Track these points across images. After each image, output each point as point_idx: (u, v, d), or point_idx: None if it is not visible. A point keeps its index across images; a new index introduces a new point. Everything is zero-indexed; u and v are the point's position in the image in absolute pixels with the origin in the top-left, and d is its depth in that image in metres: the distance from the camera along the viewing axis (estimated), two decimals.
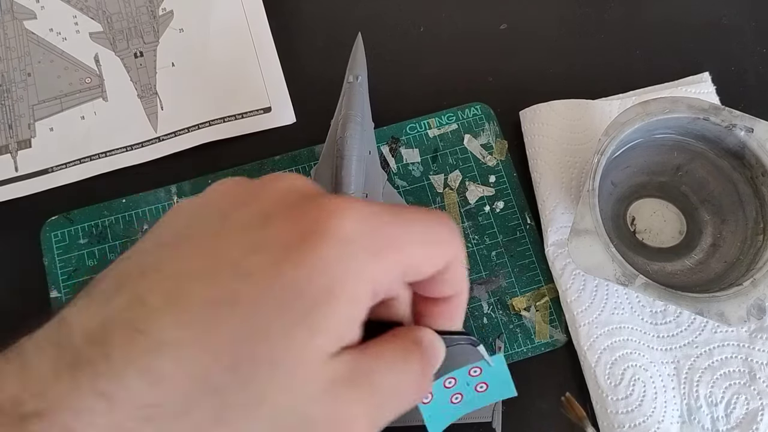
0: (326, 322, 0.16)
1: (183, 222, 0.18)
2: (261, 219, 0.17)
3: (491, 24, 0.47)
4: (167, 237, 0.18)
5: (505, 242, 0.40)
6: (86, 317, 0.16)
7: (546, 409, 0.37)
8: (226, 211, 0.18)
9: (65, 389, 0.15)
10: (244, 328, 0.15)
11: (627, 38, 0.46)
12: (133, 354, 0.15)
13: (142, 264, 0.17)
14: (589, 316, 0.37)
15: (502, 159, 0.42)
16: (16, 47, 0.45)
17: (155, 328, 0.15)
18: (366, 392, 0.17)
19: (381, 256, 0.17)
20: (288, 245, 0.16)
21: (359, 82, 0.38)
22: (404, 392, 0.19)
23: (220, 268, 0.16)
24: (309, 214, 0.17)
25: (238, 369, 0.15)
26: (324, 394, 0.16)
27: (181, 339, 0.15)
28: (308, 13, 0.47)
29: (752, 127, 0.36)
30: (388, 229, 0.17)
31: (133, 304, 0.16)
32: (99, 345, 0.15)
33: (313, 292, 0.16)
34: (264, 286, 0.16)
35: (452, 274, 0.19)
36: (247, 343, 0.15)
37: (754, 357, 0.36)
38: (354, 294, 0.16)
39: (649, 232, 0.40)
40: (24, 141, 0.42)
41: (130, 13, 0.46)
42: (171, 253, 0.17)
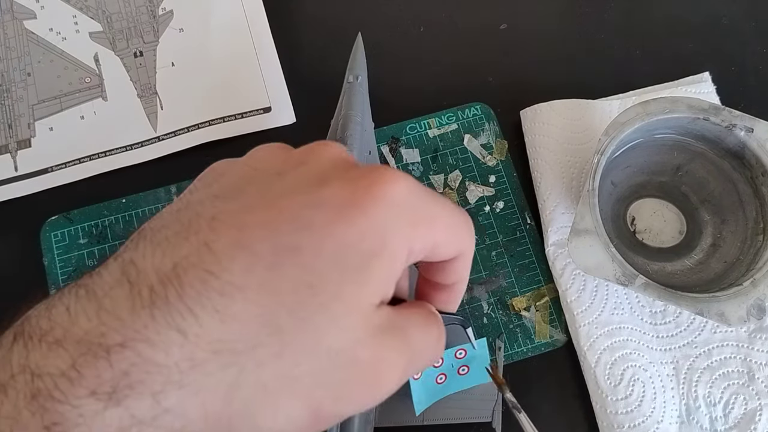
0: (374, 275, 0.18)
1: (233, 178, 0.20)
2: (317, 179, 0.19)
3: (491, 24, 0.47)
4: (222, 191, 0.19)
5: (505, 242, 0.40)
6: (158, 260, 0.17)
7: (546, 409, 0.37)
8: (280, 170, 0.19)
9: (143, 324, 0.16)
10: (304, 275, 0.17)
11: (627, 38, 0.46)
12: (206, 294, 0.16)
13: (204, 214, 0.18)
14: (589, 316, 0.37)
15: (502, 159, 0.42)
16: (15, 47, 0.45)
17: (225, 272, 0.16)
18: (402, 343, 0.19)
19: (418, 227, 0.19)
20: (344, 204, 0.18)
21: (359, 82, 0.38)
22: (427, 351, 0.21)
23: (282, 220, 0.17)
24: (363, 179, 0.18)
25: (298, 312, 0.17)
26: (369, 338, 0.18)
27: (248, 283, 0.17)
28: (308, 13, 0.47)
29: (752, 127, 0.36)
30: (427, 206, 0.19)
31: (202, 251, 0.17)
32: (173, 285, 0.16)
33: (364, 249, 0.18)
34: (322, 239, 0.17)
35: (460, 264, 0.22)
36: (306, 289, 0.17)
37: (753, 357, 0.36)
38: (396, 254, 0.18)
39: (649, 232, 0.40)
40: (24, 141, 0.42)
41: (130, 12, 0.46)
42: (232, 206, 0.18)
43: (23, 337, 0.16)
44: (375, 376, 0.18)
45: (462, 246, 0.21)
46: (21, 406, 0.15)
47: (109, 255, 0.19)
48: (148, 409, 0.15)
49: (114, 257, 0.18)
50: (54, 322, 0.16)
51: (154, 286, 0.16)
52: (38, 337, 0.16)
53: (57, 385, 0.15)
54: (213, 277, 0.16)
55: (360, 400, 0.19)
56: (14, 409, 0.15)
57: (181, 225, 0.18)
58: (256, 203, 0.18)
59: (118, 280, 0.17)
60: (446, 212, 0.20)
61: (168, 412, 0.16)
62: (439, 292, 0.24)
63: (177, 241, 0.17)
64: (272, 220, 0.17)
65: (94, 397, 0.15)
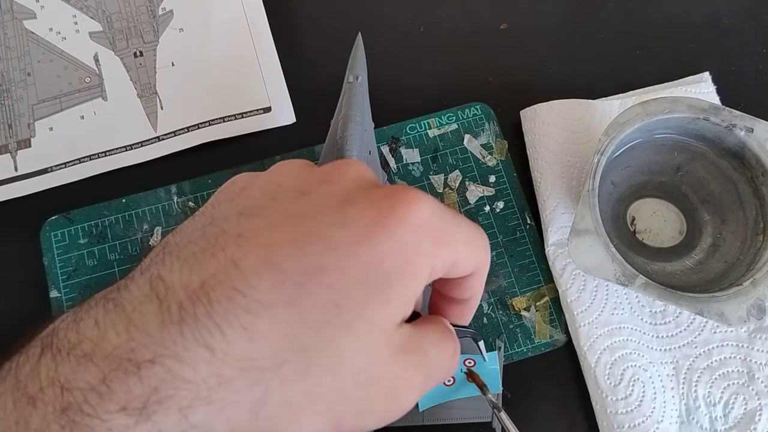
0: (396, 294, 0.18)
1: (257, 195, 0.20)
2: (342, 199, 0.19)
3: (491, 24, 0.47)
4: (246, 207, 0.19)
5: (505, 242, 0.40)
6: (185, 277, 0.17)
7: (546, 409, 0.37)
8: (304, 189, 0.20)
9: (172, 340, 0.16)
10: (330, 295, 0.17)
11: (627, 38, 0.46)
12: (233, 312, 0.16)
13: (230, 231, 0.18)
14: (589, 316, 0.37)
15: (502, 159, 0.42)
16: (15, 47, 0.45)
17: (252, 290, 0.17)
18: (421, 360, 0.20)
19: (440, 246, 0.19)
20: (369, 225, 0.18)
21: (359, 82, 0.38)
22: (443, 366, 0.22)
23: (308, 239, 0.18)
24: (387, 200, 0.19)
25: (324, 331, 0.17)
26: (391, 357, 0.19)
27: (275, 301, 0.17)
28: (308, 13, 0.47)
29: (752, 127, 0.36)
30: (448, 225, 0.20)
31: (229, 268, 0.17)
32: (201, 303, 0.16)
33: (388, 269, 0.18)
34: (348, 260, 0.18)
35: (475, 280, 0.22)
36: (332, 308, 0.17)
37: (752, 357, 0.36)
38: (418, 273, 0.19)
39: (649, 232, 0.40)
40: (24, 141, 0.42)
41: (130, 12, 0.46)
42: (258, 223, 0.18)
43: (51, 349, 0.17)
44: (395, 393, 0.19)
45: (478, 263, 0.22)
46: (50, 420, 0.15)
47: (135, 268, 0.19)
48: (176, 424, 0.16)
49: (140, 271, 0.18)
50: (83, 335, 0.17)
51: (183, 302, 0.17)
52: (67, 351, 0.16)
53: (87, 399, 0.15)
54: (240, 294, 0.17)
55: (380, 416, 0.19)
56: (43, 422, 0.15)
57: (207, 241, 0.18)
58: (282, 222, 0.18)
59: (147, 295, 0.17)
60: (466, 231, 0.21)
61: (195, 427, 0.16)
62: (453, 306, 0.24)
63: (204, 257, 0.17)
64: (299, 239, 0.18)
65: (125, 413, 0.15)
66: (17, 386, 0.16)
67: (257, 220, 0.18)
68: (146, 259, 0.19)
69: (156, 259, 0.18)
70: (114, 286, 0.18)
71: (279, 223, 0.18)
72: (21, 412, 0.16)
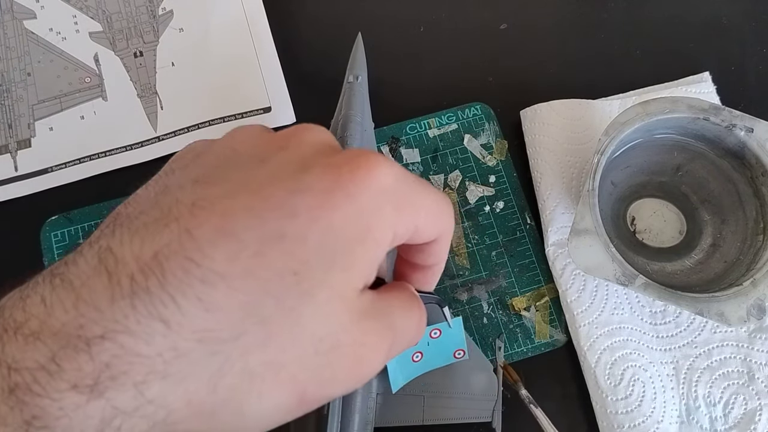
0: (358, 261, 0.18)
1: (213, 161, 0.19)
2: (300, 165, 0.18)
3: (491, 24, 0.47)
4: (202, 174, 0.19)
5: (505, 242, 0.40)
6: (137, 249, 0.16)
7: (546, 409, 0.37)
8: (262, 155, 0.19)
9: (123, 314, 0.16)
10: (289, 263, 0.17)
11: (627, 38, 0.46)
12: (188, 283, 0.16)
13: (185, 199, 0.17)
14: (589, 316, 0.37)
15: (502, 159, 0.42)
16: (15, 47, 0.45)
17: (208, 261, 0.16)
18: (384, 327, 0.20)
19: (402, 211, 0.19)
20: (328, 190, 0.18)
21: (359, 82, 0.38)
22: (409, 332, 0.22)
23: (266, 207, 0.17)
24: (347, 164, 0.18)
25: (284, 300, 0.17)
26: (352, 324, 0.18)
27: (232, 271, 0.16)
28: (308, 13, 0.47)
29: (752, 127, 0.36)
30: (411, 190, 0.19)
31: (183, 238, 0.16)
32: (153, 274, 0.16)
33: (348, 234, 0.18)
34: (307, 226, 0.17)
35: (439, 246, 0.22)
36: (291, 276, 0.17)
37: (752, 357, 0.36)
38: (380, 239, 0.18)
39: (649, 232, 0.40)
40: (24, 141, 0.42)
41: (130, 12, 0.46)
42: (214, 191, 0.18)
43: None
44: (358, 359, 0.19)
45: (442, 229, 0.21)
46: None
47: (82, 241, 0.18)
48: (131, 400, 0.15)
49: (89, 244, 0.18)
50: (29, 313, 0.16)
51: (134, 275, 0.16)
52: (13, 330, 0.16)
53: (36, 378, 0.15)
54: (195, 265, 0.16)
55: (344, 383, 0.19)
56: None
57: (160, 211, 0.17)
58: (239, 189, 0.18)
59: (95, 268, 0.16)
60: (429, 197, 0.20)
61: (151, 402, 0.16)
62: (418, 272, 0.24)
63: (157, 228, 0.17)
64: (256, 207, 0.17)
65: (76, 390, 0.15)
66: None
67: (213, 188, 0.18)
68: (96, 232, 0.18)
69: (106, 230, 0.18)
70: (61, 261, 0.18)
71: (235, 191, 0.18)
72: None
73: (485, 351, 0.37)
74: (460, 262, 0.40)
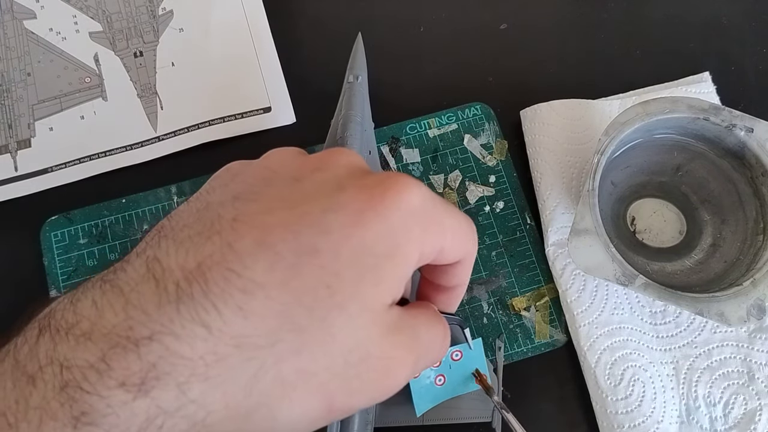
0: (387, 277, 0.19)
1: (251, 180, 0.20)
2: (334, 185, 0.19)
3: (491, 24, 0.47)
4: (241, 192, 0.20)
5: (505, 242, 0.40)
6: (182, 259, 0.18)
7: (546, 409, 0.37)
8: (297, 175, 0.20)
9: (169, 318, 0.16)
10: (323, 276, 0.18)
11: (627, 38, 0.46)
12: (229, 291, 0.17)
13: (226, 215, 0.19)
14: (589, 316, 0.37)
15: (502, 159, 0.42)
16: (15, 47, 0.45)
17: (247, 271, 0.17)
18: (411, 341, 0.20)
19: (429, 232, 0.20)
20: (361, 209, 0.19)
21: (359, 82, 0.38)
22: (434, 349, 0.22)
23: (302, 223, 0.18)
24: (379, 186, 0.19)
25: (317, 311, 0.18)
26: (381, 337, 0.19)
27: (270, 281, 0.17)
28: (308, 13, 0.47)
29: (752, 127, 0.36)
30: (438, 212, 0.20)
31: (225, 250, 0.17)
32: (197, 282, 0.17)
33: (379, 251, 0.19)
34: (341, 242, 0.18)
35: (462, 268, 0.23)
36: (325, 289, 0.18)
37: (752, 357, 0.36)
38: (408, 257, 0.19)
39: (649, 232, 0.40)
40: (24, 141, 0.42)
41: (130, 12, 0.46)
42: (253, 207, 0.19)
43: (49, 329, 0.17)
44: (386, 371, 0.19)
45: (466, 251, 0.22)
46: (50, 397, 0.16)
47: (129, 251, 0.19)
48: (174, 399, 0.16)
49: (136, 254, 0.19)
50: (80, 315, 0.17)
51: (179, 282, 0.17)
52: (65, 331, 0.17)
53: (86, 376, 0.16)
54: (235, 275, 0.17)
55: (371, 395, 0.20)
56: (43, 400, 0.16)
57: (203, 225, 0.18)
58: (276, 206, 0.19)
59: (144, 276, 0.17)
60: (454, 219, 0.21)
61: (192, 402, 0.16)
62: (440, 293, 0.25)
63: (200, 240, 0.18)
64: (293, 222, 0.18)
65: (123, 389, 0.16)
66: (16, 366, 0.16)
67: (252, 204, 0.19)
68: (141, 243, 0.19)
69: (151, 242, 0.19)
70: (110, 269, 0.19)
71: (273, 208, 0.19)
72: (21, 391, 0.16)
73: (485, 351, 0.37)
74: None
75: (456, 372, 0.34)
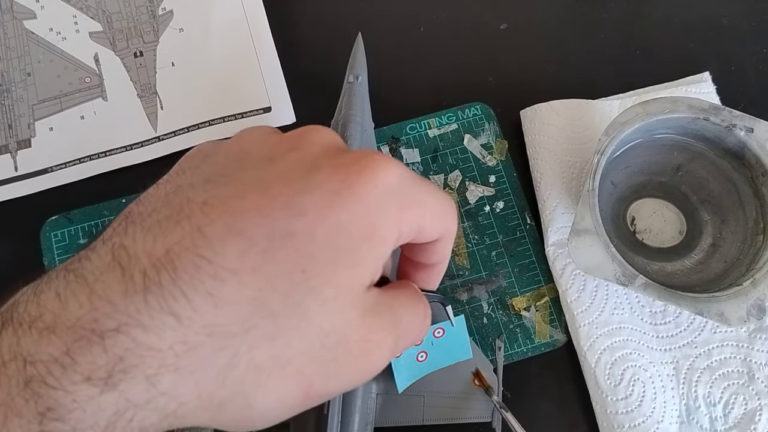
0: (364, 258, 0.18)
1: (223, 162, 0.20)
2: (308, 165, 0.19)
3: (491, 24, 0.47)
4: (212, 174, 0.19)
5: (505, 242, 0.40)
6: (149, 245, 0.17)
7: (546, 409, 0.37)
8: (271, 155, 0.19)
9: (136, 308, 0.16)
10: (297, 260, 0.17)
11: (627, 38, 0.46)
12: (199, 278, 0.16)
13: (196, 199, 0.18)
14: (589, 316, 0.37)
15: (502, 159, 0.42)
16: (15, 47, 0.45)
17: (218, 257, 0.17)
18: (390, 323, 0.20)
19: (407, 210, 0.19)
20: (336, 190, 0.18)
21: (359, 82, 0.38)
22: (414, 329, 0.22)
23: (275, 206, 0.17)
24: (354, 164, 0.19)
25: (291, 296, 0.17)
26: (359, 319, 0.19)
27: (242, 267, 0.17)
28: (308, 13, 0.47)
29: (752, 127, 0.36)
30: (416, 190, 0.20)
31: (195, 236, 0.17)
32: (165, 270, 0.16)
33: (355, 233, 0.18)
34: (315, 225, 0.17)
35: (442, 245, 0.23)
36: (299, 273, 0.17)
37: (752, 357, 0.36)
38: (386, 237, 0.19)
39: (649, 232, 0.40)
40: (24, 141, 0.42)
41: (130, 12, 0.46)
42: (224, 191, 0.18)
43: (12, 323, 0.16)
44: (364, 355, 0.19)
45: (446, 228, 0.22)
46: (14, 393, 0.15)
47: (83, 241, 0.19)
48: (143, 392, 0.16)
49: (102, 241, 0.18)
50: (43, 307, 0.16)
51: (146, 270, 0.16)
52: (28, 324, 0.16)
53: (50, 371, 0.15)
54: (206, 261, 0.16)
55: (350, 378, 0.19)
56: (7, 396, 0.15)
57: (171, 209, 0.18)
58: (248, 189, 0.18)
59: (109, 264, 0.17)
60: (433, 197, 0.21)
61: (163, 394, 0.16)
62: (421, 271, 0.24)
63: (169, 225, 0.17)
64: (266, 205, 0.17)
65: (89, 383, 0.15)
66: None
67: (223, 187, 0.18)
68: (108, 229, 0.18)
69: (118, 228, 0.18)
70: (74, 258, 0.18)
71: (245, 190, 0.18)
72: None
73: (485, 351, 0.37)
74: (460, 262, 0.40)
75: (438, 349, 0.33)
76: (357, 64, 0.40)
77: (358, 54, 0.40)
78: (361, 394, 0.32)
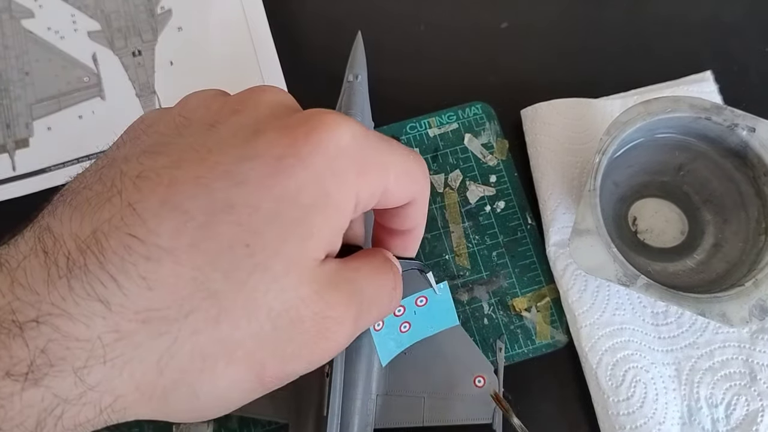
0: (317, 229, 0.17)
1: (163, 130, 0.18)
2: (251, 130, 0.17)
3: (492, 22, 0.47)
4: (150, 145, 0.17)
5: (506, 242, 0.40)
6: (76, 226, 0.16)
7: (546, 410, 0.37)
8: (212, 121, 0.18)
9: (60, 296, 0.15)
10: (239, 234, 0.16)
11: (628, 37, 0.46)
12: (130, 260, 0.15)
13: (129, 172, 0.16)
14: (591, 317, 0.37)
15: (503, 158, 0.42)
16: (13, 46, 0.45)
17: (151, 235, 0.15)
18: (350, 297, 0.18)
19: (366, 174, 0.18)
20: (281, 155, 0.16)
21: (359, 82, 0.38)
22: (381, 301, 0.20)
23: (213, 176, 0.16)
24: (302, 126, 0.17)
25: (234, 274, 0.16)
26: (314, 295, 0.17)
27: (178, 245, 0.15)
28: (308, 11, 0.47)
29: (754, 127, 0.36)
30: (375, 151, 0.18)
31: (126, 213, 0.15)
32: (92, 252, 0.15)
33: (305, 201, 0.16)
34: (258, 195, 0.16)
35: (415, 209, 0.21)
36: (242, 249, 0.16)
37: (755, 358, 0.36)
38: (341, 205, 0.17)
39: (650, 232, 0.40)
40: (22, 140, 0.42)
41: (129, 11, 0.46)
42: (160, 162, 0.17)
43: None
44: (322, 333, 0.18)
45: (416, 191, 0.20)
46: None
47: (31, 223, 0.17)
48: (72, 387, 0.15)
49: (32, 224, 0.17)
50: None
51: (71, 253, 0.15)
52: None
53: None
54: (138, 241, 0.15)
55: (310, 359, 0.18)
56: None
57: (103, 185, 0.16)
58: (185, 158, 0.17)
59: (32, 249, 0.16)
60: (396, 157, 0.19)
61: (94, 388, 0.15)
62: (395, 238, 0.23)
63: (98, 202, 0.16)
64: (203, 175, 0.16)
65: (10, 378, 0.14)
66: None
67: (159, 157, 0.17)
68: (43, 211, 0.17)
69: (49, 208, 0.17)
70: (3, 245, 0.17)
71: (182, 160, 0.16)
72: None
73: (486, 352, 0.37)
74: (460, 263, 0.40)
75: (421, 318, 0.32)
76: (357, 63, 0.39)
77: (357, 53, 0.40)
78: (361, 395, 0.32)
